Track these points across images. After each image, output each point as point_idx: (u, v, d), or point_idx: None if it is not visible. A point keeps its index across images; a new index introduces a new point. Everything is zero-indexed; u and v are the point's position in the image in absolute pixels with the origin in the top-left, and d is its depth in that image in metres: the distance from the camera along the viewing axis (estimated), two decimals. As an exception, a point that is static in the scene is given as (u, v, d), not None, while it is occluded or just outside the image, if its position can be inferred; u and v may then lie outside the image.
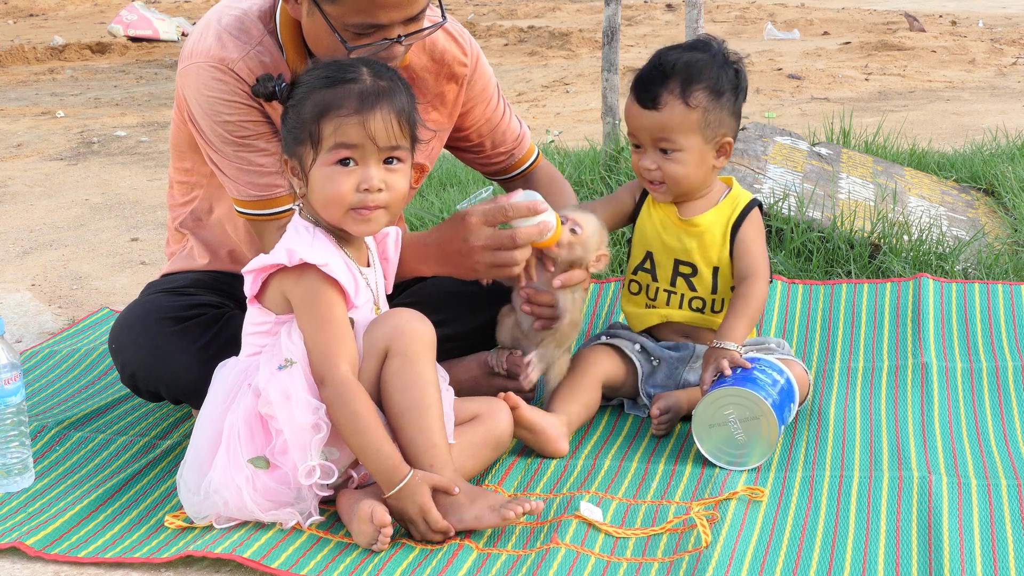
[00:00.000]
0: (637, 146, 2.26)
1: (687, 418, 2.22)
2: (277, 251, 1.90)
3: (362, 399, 1.85)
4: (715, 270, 2.27)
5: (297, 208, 1.99)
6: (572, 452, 2.17)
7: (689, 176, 2.23)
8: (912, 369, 2.46)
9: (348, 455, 1.92)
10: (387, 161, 1.90)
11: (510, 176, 2.55)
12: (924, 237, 3.08)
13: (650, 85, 2.20)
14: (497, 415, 2.07)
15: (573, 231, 2.19)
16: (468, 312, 2.34)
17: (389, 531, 1.81)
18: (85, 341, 2.88)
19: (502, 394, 2.13)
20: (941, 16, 10.04)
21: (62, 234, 4.03)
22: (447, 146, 2.51)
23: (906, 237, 3.10)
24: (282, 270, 1.89)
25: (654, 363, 2.32)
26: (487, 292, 2.26)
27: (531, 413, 2.14)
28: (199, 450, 1.92)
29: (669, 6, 11.18)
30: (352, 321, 1.93)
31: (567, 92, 6.95)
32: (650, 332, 2.36)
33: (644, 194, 2.35)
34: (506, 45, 9.09)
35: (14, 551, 1.90)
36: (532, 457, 2.15)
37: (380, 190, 1.89)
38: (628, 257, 2.38)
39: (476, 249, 2.09)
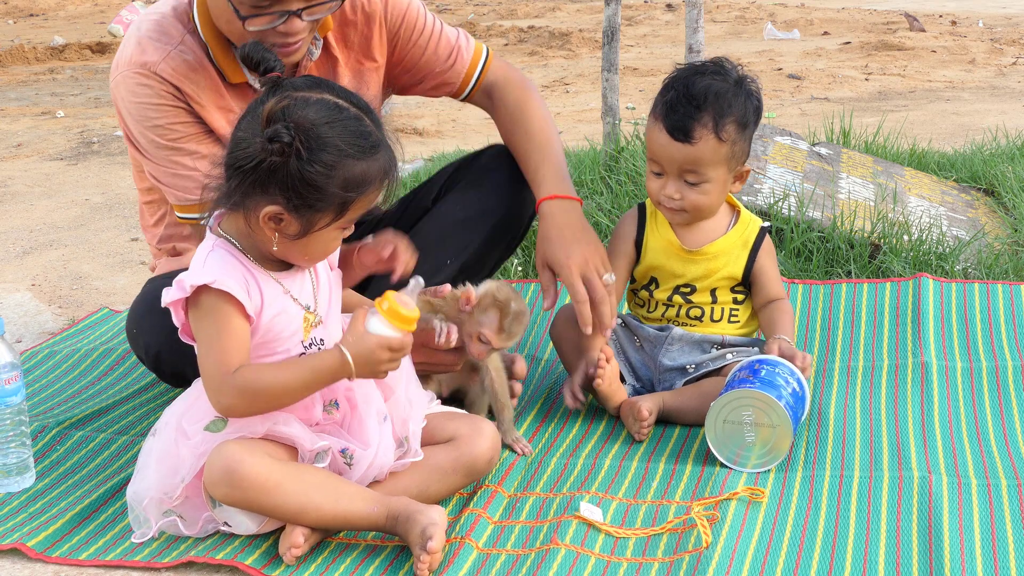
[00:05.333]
0: (658, 173, 2.24)
1: (663, 421, 2.25)
2: (176, 283, 1.81)
3: (258, 370, 1.79)
4: (713, 290, 2.30)
5: (208, 226, 1.87)
6: (572, 452, 2.17)
7: (712, 205, 2.26)
8: (912, 369, 2.46)
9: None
10: None
11: (467, 92, 2.45)
12: (924, 237, 3.08)
13: (683, 118, 2.17)
14: (476, 439, 1.96)
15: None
16: (479, 242, 2.39)
17: (293, 549, 1.80)
18: (85, 341, 2.88)
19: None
20: (941, 16, 10.03)
21: (62, 234, 4.03)
22: (389, 87, 2.45)
23: (906, 237, 3.10)
24: (188, 300, 1.82)
25: (636, 343, 2.35)
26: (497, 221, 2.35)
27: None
28: (139, 464, 1.92)
29: (669, 6, 11.18)
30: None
31: (567, 92, 6.95)
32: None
33: (641, 226, 2.35)
34: (506, 45, 9.09)
35: (15, 551, 1.90)
36: (532, 457, 2.15)
37: None
38: (630, 279, 2.37)
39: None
